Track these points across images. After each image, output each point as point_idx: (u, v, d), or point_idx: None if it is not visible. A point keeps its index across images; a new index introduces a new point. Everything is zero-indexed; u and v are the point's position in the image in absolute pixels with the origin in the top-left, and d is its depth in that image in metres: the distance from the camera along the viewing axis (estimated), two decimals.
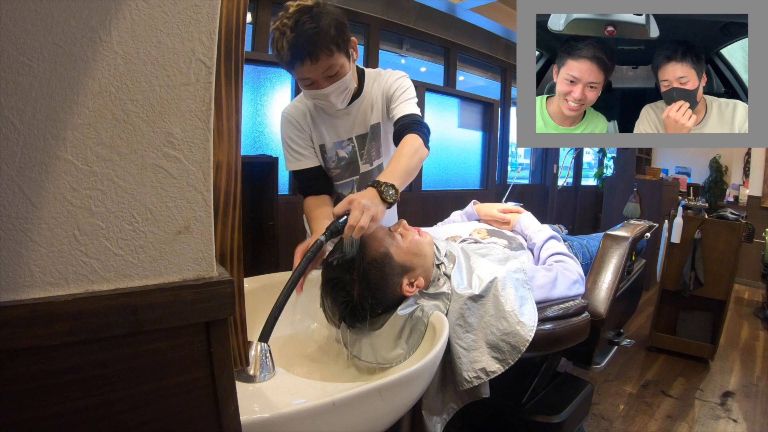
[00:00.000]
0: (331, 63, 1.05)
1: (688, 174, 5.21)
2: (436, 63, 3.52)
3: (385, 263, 0.91)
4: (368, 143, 1.26)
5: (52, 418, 0.38)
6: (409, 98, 1.20)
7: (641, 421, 1.85)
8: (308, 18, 0.99)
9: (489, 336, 0.87)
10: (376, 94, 1.23)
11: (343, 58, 1.08)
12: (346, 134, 1.25)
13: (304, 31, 0.99)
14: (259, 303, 0.97)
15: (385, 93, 1.21)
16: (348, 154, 1.27)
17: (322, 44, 1.01)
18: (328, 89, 1.09)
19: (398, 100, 1.20)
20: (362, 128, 1.25)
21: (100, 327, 0.38)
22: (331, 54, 1.04)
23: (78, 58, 0.36)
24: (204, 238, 0.44)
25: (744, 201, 4.48)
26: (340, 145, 1.26)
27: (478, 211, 1.36)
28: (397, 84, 1.21)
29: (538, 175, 4.55)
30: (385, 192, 0.94)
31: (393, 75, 1.23)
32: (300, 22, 0.99)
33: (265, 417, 0.56)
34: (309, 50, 1.01)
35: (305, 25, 0.99)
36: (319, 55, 1.02)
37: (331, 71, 1.07)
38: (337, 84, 1.09)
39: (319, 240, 0.85)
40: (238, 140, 0.56)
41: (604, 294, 1.13)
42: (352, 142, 1.26)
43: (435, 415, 0.89)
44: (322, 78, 1.07)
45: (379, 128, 1.25)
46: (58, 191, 0.37)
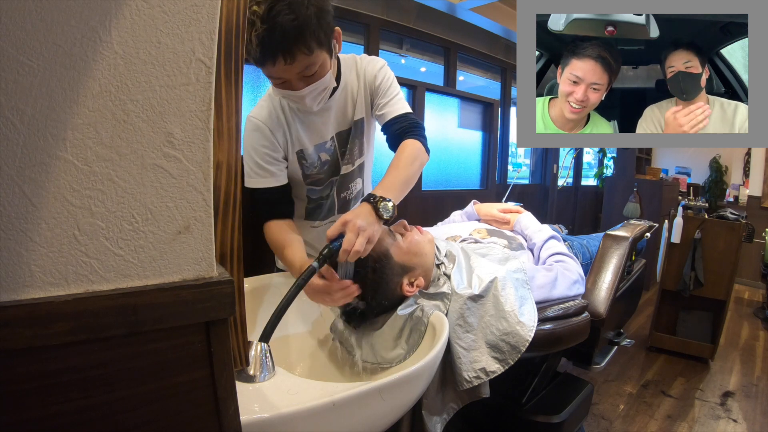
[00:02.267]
0: (309, 62, 0.87)
1: (688, 174, 5.21)
2: (436, 63, 3.52)
3: (385, 263, 0.91)
4: (351, 141, 1.10)
5: (52, 418, 0.38)
6: (398, 94, 1.07)
7: (641, 421, 1.85)
8: (284, 5, 0.80)
9: (489, 336, 0.87)
10: (355, 85, 1.07)
11: (324, 55, 0.90)
12: (328, 133, 1.08)
13: (278, 24, 0.80)
14: (259, 303, 0.97)
15: (369, 85, 1.07)
16: (330, 156, 1.10)
17: (300, 41, 0.83)
18: (303, 91, 0.91)
19: (387, 95, 1.06)
20: (343, 124, 1.09)
21: (100, 327, 0.38)
22: (310, 52, 0.86)
23: (78, 58, 0.36)
24: (204, 238, 0.44)
25: (744, 201, 4.48)
26: (323, 147, 1.08)
27: (478, 211, 1.36)
28: (381, 75, 1.07)
29: (538, 175, 4.54)
30: (381, 209, 0.86)
31: (373, 63, 1.08)
32: (273, 11, 0.80)
33: (265, 417, 0.56)
34: (284, 48, 0.83)
35: (280, 15, 0.80)
36: (295, 54, 0.84)
37: (308, 71, 0.89)
38: (315, 85, 0.92)
39: (311, 266, 0.80)
40: (238, 140, 0.56)
41: (604, 294, 1.13)
42: (333, 141, 1.09)
43: (435, 415, 0.89)
44: (298, 78, 0.90)
45: (363, 124, 1.10)
46: (58, 191, 0.37)
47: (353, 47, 2.86)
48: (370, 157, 1.22)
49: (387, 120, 1.05)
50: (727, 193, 4.96)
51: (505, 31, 3.56)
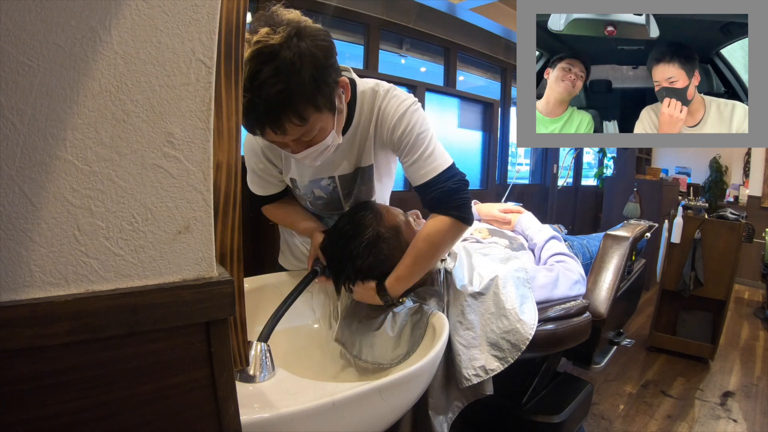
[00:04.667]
0: (305, 130, 0.76)
1: (688, 174, 5.21)
2: (436, 63, 3.52)
3: (393, 236, 0.92)
4: (357, 187, 0.97)
5: (52, 418, 0.38)
6: (427, 148, 0.88)
7: (641, 421, 1.85)
8: (271, 72, 0.67)
9: (489, 334, 0.87)
10: (368, 126, 0.91)
11: (326, 117, 0.78)
12: (326, 172, 0.95)
13: (263, 97, 0.68)
14: (259, 303, 0.97)
15: (386, 133, 0.90)
16: (327, 194, 0.98)
17: (290, 112, 0.71)
18: (301, 154, 0.81)
19: (411, 152, 0.88)
20: (348, 167, 0.95)
21: (100, 327, 0.38)
22: (304, 122, 0.74)
23: (78, 58, 0.36)
24: (204, 238, 0.44)
25: (744, 201, 4.48)
26: (317, 183, 0.97)
27: (479, 211, 1.36)
28: (403, 126, 0.87)
29: (538, 175, 4.54)
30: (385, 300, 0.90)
31: (394, 106, 0.88)
32: (258, 79, 0.67)
33: (265, 417, 0.56)
34: (271, 121, 0.72)
35: (266, 87, 0.67)
36: (285, 127, 0.73)
37: (305, 137, 0.78)
38: (315, 148, 0.81)
39: (314, 269, 0.84)
40: (238, 140, 0.56)
41: (605, 294, 1.13)
42: (334, 182, 0.96)
43: (440, 415, 0.89)
44: (294, 143, 0.80)
45: (371, 171, 0.96)
46: (58, 191, 0.37)
47: (353, 47, 2.86)
48: (388, 188, 1.09)
49: (416, 186, 0.91)
50: (727, 193, 4.96)
51: (505, 31, 3.56)
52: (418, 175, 0.89)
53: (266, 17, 0.71)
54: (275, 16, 0.71)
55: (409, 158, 0.89)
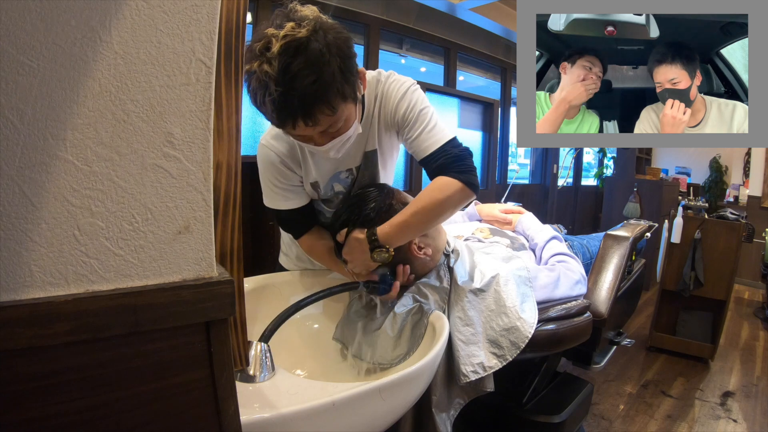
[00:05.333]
0: (333, 120, 0.78)
1: (688, 174, 5.21)
2: (436, 63, 3.52)
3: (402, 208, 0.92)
4: (360, 172, 0.99)
5: (52, 418, 0.38)
6: (429, 122, 0.90)
7: (641, 421, 1.85)
8: (303, 64, 0.69)
9: (489, 331, 0.88)
10: (372, 110, 0.94)
11: (350, 107, 0.80)
12: (345, 165, 0.98)
13: (296, 89, 0.70)
14: (259, 303, 0.97)
15: (390, 114, 0.93)
16: (346, 187, 1.01)
17: (322, 102, 0.73)
18: (327, 146, 0.83)
19: (415, 127, 0.90)
20: (357, 159, 0.99)
21: (100, 327, 0.38)
22: (334, 112, 0.76)
23: (78, 58, 0.36)
24: (204, 238, 0.44)
25: (744, 201, 4.48)
26: (337, 178, 0.99)
27: (480, 212, 1.36)
28: (406, 103, 0.90)
29: (538, 175, 4.55)
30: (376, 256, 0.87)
31: (396, 88, 0.92)
32: (290, 72, 0.69)
33: (265, 417, 0.56)
34: (303, 112, 0.73)
35: (298, 78, 0.69)
36: (317, 117, 0.75)
37: (332, 128, 0.80)
38: (340, 138, 0.83)
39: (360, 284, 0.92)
40: (238, 140, 0.56)
41: (605, 294, 1.13)
42: (352, 174, 0.99)
43: (443, 412, 0.89)
44: (320, 135, 0.81)
45: (375, 156, 0.98)
46: (58, 191, 0.37)
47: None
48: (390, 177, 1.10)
49: (421, 158, 0.91)
50: (727, 193, 4.96)
51: (505, 31, 3.56)
52: (422, 148, 0.90)
53: (285, 14, 0.72)
54: (294, 12, 0.72)
55: (413, 133, 0.91)
